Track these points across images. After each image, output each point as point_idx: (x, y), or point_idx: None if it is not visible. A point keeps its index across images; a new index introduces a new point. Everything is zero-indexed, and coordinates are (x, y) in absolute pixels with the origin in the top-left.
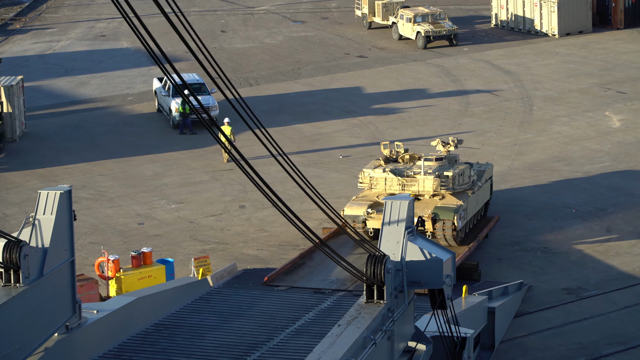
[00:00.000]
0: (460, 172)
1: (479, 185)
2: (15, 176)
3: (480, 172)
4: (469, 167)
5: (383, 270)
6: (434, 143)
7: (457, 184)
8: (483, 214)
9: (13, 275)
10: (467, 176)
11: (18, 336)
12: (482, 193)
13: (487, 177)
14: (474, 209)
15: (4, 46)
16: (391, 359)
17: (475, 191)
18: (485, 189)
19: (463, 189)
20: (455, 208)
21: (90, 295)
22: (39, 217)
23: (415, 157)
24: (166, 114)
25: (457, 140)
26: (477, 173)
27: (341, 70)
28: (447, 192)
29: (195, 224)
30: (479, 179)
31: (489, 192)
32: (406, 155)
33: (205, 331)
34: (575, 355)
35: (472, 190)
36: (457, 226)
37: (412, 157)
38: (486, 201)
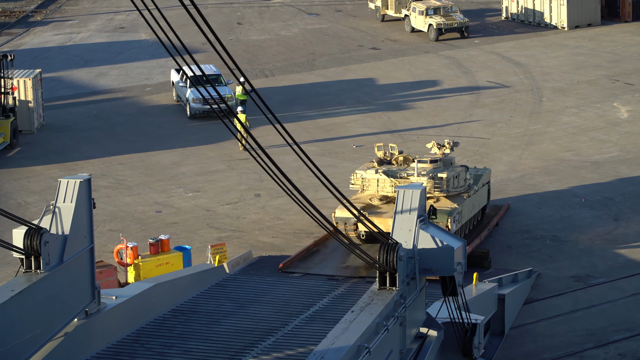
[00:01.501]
0: (455, 174)
1: (475, 189)
2: (35, 165)
3: (477, 176)
4: (464, 169)
5: (395, 258)
6: (429, 145)
7: (451, 187)
8: (480, 218)
9: (34, 262)
10: (463, 179)
11: (38, 321)
12: (478, 197)
13: (484, 182)
14: (469, 212)
15: (25, 38)
16: (403, 345)
17: (471, 194)
18: (482, 194)
19: (458, 192)
20: (449, 211)
21: (109, 281)
22: (59, 205)
23: (409, 159)
24: (183, 105)
25: (452, 143)
26: (473, 177)
27: (355, 61)
28: (441, 194)
29: (211, 212)
30: (476, 183)
31: (486, 197)
32: (400, 157)
33: (222, 317)
34: (583, 342)
35: (467, 193)
36: (452, 229)
37: (406, 158)
38: (483, 206)
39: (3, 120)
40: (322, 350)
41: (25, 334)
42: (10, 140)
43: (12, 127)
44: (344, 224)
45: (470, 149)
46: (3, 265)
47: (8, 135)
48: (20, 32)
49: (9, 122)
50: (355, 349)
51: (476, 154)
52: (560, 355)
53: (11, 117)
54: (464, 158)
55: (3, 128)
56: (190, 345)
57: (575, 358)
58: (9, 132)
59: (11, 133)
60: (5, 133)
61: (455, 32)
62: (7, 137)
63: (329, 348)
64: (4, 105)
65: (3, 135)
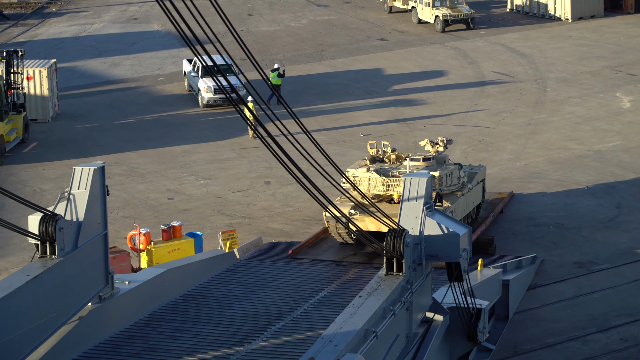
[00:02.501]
0: (448, 172)
1: (469, 187)
2: (50, 153)
3: (471, 173)
4: (458, 167)
5: (402, 244)
6: (422, 143)
7: (444, 185)
8: (475, 216)
9: (49, 248)
10: (456, 177)
11: (54, 305)
12: (472, 195)
13: (479, 180)
14: (463, 211)
15: (40, 29)
16: (410, 329)
17: (464, 193)
18: (477, 192)
19: (451, 191)
20: (442, 210)
21: (122, 266)
22: (74, 192)
23: (401, 157)
24: (195, 94)
25: (446, 140)
26: (468, 175)
27: (363, 52)
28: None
29: (222, 199)
30: (470, 181)
31: (481, 195)
32: (392, 155)
33: (232, 301)
34: (586, 326)
35: (461, 192)
36: None
37: (399, 156)
38: (477, 204)
39: (15, 116)
40: (330, 334)
41: (41, 317)
42: (22, 135)
43: (24, 122)
44: (335, 223)
45: (475, 137)
46: (19, 250)
47: (21, 130)
48: (36, 23)
49: (21, 117)
50: (362, 333)
51: (481, 143)
52: (563, 339)
53: (22, 112)
54: (469, 147)
55: (16, 123)
56: (201, 329)
57: (578, 342)
58: (22, 127)
59: (23, 128)
60: (18, 128)
61: (461, 24)
62: (20, 132)
63: (337, 332)
64: (15, 101)
65: (16, 131)
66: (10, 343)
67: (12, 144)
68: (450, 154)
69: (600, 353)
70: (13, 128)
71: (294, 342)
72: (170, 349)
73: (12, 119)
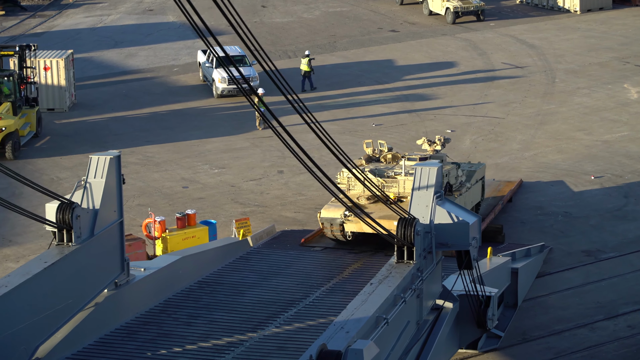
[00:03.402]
0: (445, 172)
1: (468, 186)
2: (67, 142)
3: (470, 172)
4: (455, 167)
5: (413, 233)
6: (419, 142)
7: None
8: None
9: (66, 235)
10: (454, 177)
11: (70, 292)
12: (471, 194)
13: (477, 178)
14: None
15: (57, 20)
16: (420, 316)
17: (462, 192)
18: (475, 190)
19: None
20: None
21: (137, 254)
22: (90, 181)
23: (398, 157)
24: (210, 85)
25: (444, 139)
26: (466, 173)
27: (374, 43)
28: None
29: (236, 188)
30: (468, 180)
31: (480, 194)
32: (388, 154)
33: (246, 288)
34: (593, 314)
35: (459, 191)
36: None
37: (395, 156)
38: (477, 203)
39: (28, 110)
40: (342, 321)
41: (58, 303)
42: (35, 129)
43: (37, 116)
44: (329, 225)
45: (485, 128)
46: (36, 238)
47: (34, 124)
48: (53, 14)
49: (34, 111)
50: (374, 320)
51: (491, 133)
52: (571, 326)
53: (35, 106)
54: (479, 137)
55: (29, 117)
56: (215, 316)
57: (586, 329)
58: (35, 122)
59: (36, 122)
60: (32, 122)
61: (471, 16)
62: (34, 127)
63: (348, 319)
64: (28, 95)
65: (30, 125)
66: (28, 329)
67: (26, 138)
68: (460, 145)
69: (607, 340)
70: (27, 122)
71: (306, 328)
72: (185, 335)
73: (25, 113)
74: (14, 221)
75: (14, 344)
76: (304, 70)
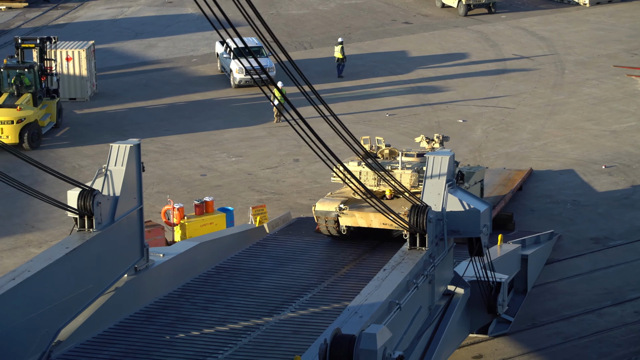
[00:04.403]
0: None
1: (466, 185)
2: (89, 130)
3: (469, 173)
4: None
5: (425, 220)
6: (418, 139)
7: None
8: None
9: (87, 221)
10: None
11: (91, 277)
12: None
13: (476, 180)
14: None
15: (79, 11)
16: (432, 302)
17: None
18: (474, 192)
19: None
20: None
21: (157, 240)
22: (111, 168)
23: (395, 153)
24: (227, 75)
25: (442, 137)
26: (466, 174)
27: (388, 35)
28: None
29: (253, 176)
30: (467, 180)
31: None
32: (386, 150)
33: (262, 274)
34: (601, 300)
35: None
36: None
37: (392, 152)
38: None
39: (49, 101)
40: (355, 305)
41: (79, 288)
42: (56, 120)
43: (57, 107)
44: (324, 219)
45: (496, 118)
46: (59, 224)
47: (54, 115)
48: (75, 5)
49: (55, 102)
50: (387, 305)
51: (502, 123)
52: (579, 312)
53: (56, 97)
54: (490, 127)
55: (49, 108)
56: (232, 300)
57: (594, 315)
58: (55, 112)
59: (57, 113)
60: (52, 113)
61: (483, 8)
62: (54, 117)
63: (362, 304)
64: (49, 87)
65: (50, 116)
66: (50, 312)
67: (46, 128)
68: (471, 134)
69: (615, 325)
70: (47, 113)
71: (321, 313)
72: (203, 319)
73: (46, 104)
74: (37, 208)
75: (37, 327)
76: (337, 57)
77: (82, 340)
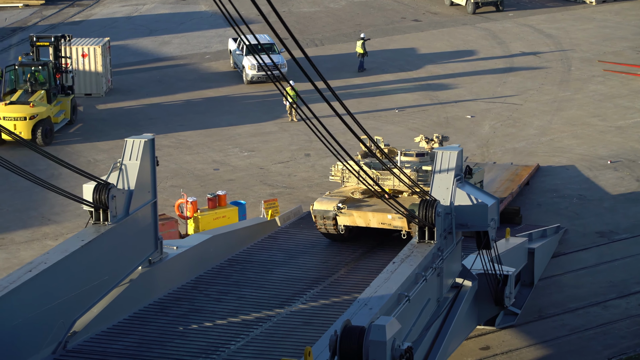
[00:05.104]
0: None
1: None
2: (104, 125)
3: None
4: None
5: (434, 214)
6: (417, 139)
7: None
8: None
9: (102, 214)
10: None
11: (106, 269)
12: None
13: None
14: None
15: (95, 9)
16: (440, 294)
17: None
18: None
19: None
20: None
21: (170, 233)
22: (126, 163)
23: (394, 152)
24: (240, 71)
25: (442, 137)
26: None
27: (398, 32)
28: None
29: (265, 170)
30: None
31: None
32: (385, 149)
33: (273, 266)
34: (606, 292)
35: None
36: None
37: (392, 151)
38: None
39: (63, 98)
40: (365, 297)
41: (94, 280)
42: (70, 116)
43: (71, 104)
44: (322, 218)
45: (503, 113)
46: (74, 217)
47: (69, 112)
48: (91, 3)
49: (69, 99)
50: (396, 297)
51: (509, 119)
52: (585, 304)
53: (70, 94)
54: (497, 122)
55: (64, 105)
56: (244, 292)
57: (599, 308)
58: (69, 109)
59: (71, 110)
60: (66, 110)
61: (491, 6)
62: (68, 114)
63: (371, 296)
64: (63, 84)
65: (64, 112)
66: (66, 303)
67: (60, 125)
68: (479, 130)
69: (619, 318)
70: (61, 110)
71: (331, 305)
72: (215, 310)
73: (60, 101)
74: (53, 201)
75: (53, 318)
76: (359, 52)
77: (97, 330)
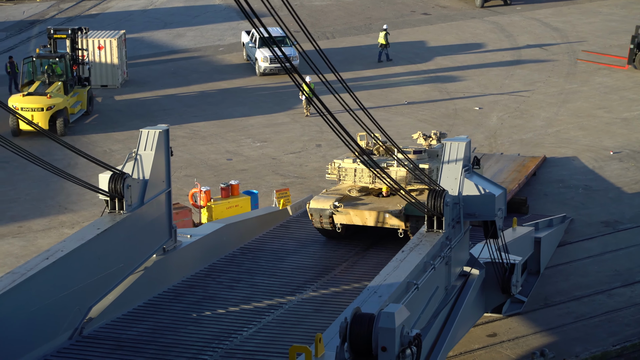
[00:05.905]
0: (439, 165)
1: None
2: (119, 116)
3: None
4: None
5: (442, 204)
6: (415, 136)
7: (434, 178)
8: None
9: (117, 204)
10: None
11: (121, 257)
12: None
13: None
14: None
15: (111, 2)
16: (448, 282)
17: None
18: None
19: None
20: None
21: (184, 221)
22: (141, 153)
23: (392, 149)
24: (253, 63)
25: (439, 134)
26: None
27: (407, 25)
28: (423, 186)
29: (277, 160)
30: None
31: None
32: (382, 147)
33: (285, 255)
34: (611, 281)
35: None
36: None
37: (389, 149)
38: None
39: (80, 89)
40: (375, 285)
41: (110, 267)
42: (86, 107)
43: (88, 95)
44: (318, 216)
45: (511, 105)
46: (90, 206)
47: (85, 103)
48: None
49: (86, 90)
50: (405, 285)
51: (516, 110)
52: (590, 292)
53: (87, 85)
54: (505, 114)
55: (80, 96)
56: (256, 280)
57: (604, 296)
58: (86, 100)
59: (87, 101)
60: (83, 101)
61: (499, 0)
62: (84, 105)
63: (381, 284)
64: (80, 75)
65: (81, 103)
66: (82, 290)
67: (76, 115)
68: (487, 121)
69: (624, 306)
70: (78, 101)
71: (342, 292)
72: (228, 297)
73: (77, 92)
74: (69, 190)
75: (69, 305)
76: (381, 43)
77: (113, 317)
